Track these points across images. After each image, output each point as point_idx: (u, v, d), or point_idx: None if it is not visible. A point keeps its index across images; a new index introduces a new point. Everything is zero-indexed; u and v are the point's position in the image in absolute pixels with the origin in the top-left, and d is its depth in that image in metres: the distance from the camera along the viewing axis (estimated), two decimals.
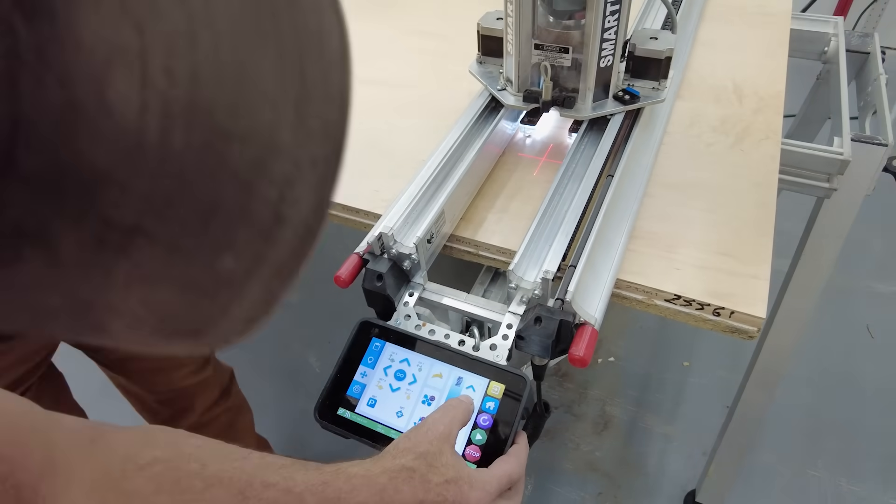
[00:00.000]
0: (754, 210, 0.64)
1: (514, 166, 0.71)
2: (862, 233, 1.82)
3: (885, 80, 0.92)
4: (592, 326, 0.49)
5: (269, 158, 0.15)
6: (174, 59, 0.13)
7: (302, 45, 0.15)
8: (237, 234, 0.16)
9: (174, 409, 1.03)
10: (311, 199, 0.17)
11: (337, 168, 0.18)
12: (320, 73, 0.16)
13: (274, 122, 0.15)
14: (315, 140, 0.16)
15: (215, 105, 0.14)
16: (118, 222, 0.13)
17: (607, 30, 0.60)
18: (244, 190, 0.15)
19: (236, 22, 0.14)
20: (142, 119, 0.12)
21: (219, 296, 0.17)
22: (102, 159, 0.12)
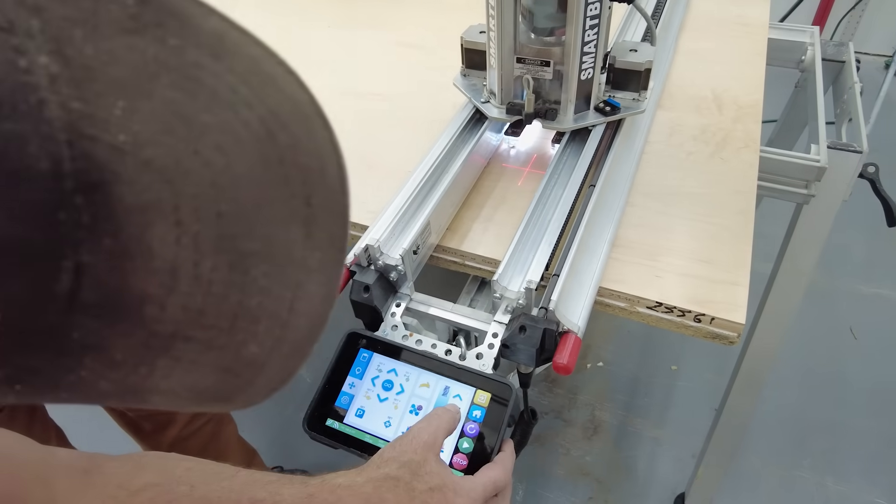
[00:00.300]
0: (734, 217, 0.65)
1: (498, 177, 0.72)
2: (843, 237, 1.85)
3: (860, 89, 0.94)
4: (576, 334, 0.50)
5: (284, 268, 0.19)
6: (201, 203, 0.16)
7: (306, 179, 0.19)
8: (259, 327, 0.19)
9: (155, 423, 1.03)
10: (320, 293, 0.21)
11: (341, 267, 0.21)
12: (323, 198, 0.20)
13: (286, 241, 0.19)
14: (321, 249, 0.20)
15: (237, 234, 0.17)
16: (160, 332, 0.17)
17: (587, 43, 0.61)
18: (263, 294, 0.18)
19: (250, 167, 0.17)
20: (176, 253, 0.16)
21: (244, 374, 0.20)
22: (145, 288, 0.16)
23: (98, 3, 0.15)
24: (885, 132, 2.28)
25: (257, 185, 0.18)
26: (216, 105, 0.17)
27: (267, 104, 0.18)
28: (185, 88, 0.16)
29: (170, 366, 0.18)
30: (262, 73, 0.18)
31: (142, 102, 0.15)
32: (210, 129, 0.16)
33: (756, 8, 1.04)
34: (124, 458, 0.40)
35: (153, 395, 0.19)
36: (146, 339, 0.17)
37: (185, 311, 0.17)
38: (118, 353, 0.17)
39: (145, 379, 0.18)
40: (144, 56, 0.16)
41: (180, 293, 0.17)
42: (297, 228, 0.19)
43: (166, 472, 0.38)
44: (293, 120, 0.19)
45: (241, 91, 0.17)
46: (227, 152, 0.17)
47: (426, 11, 1.11)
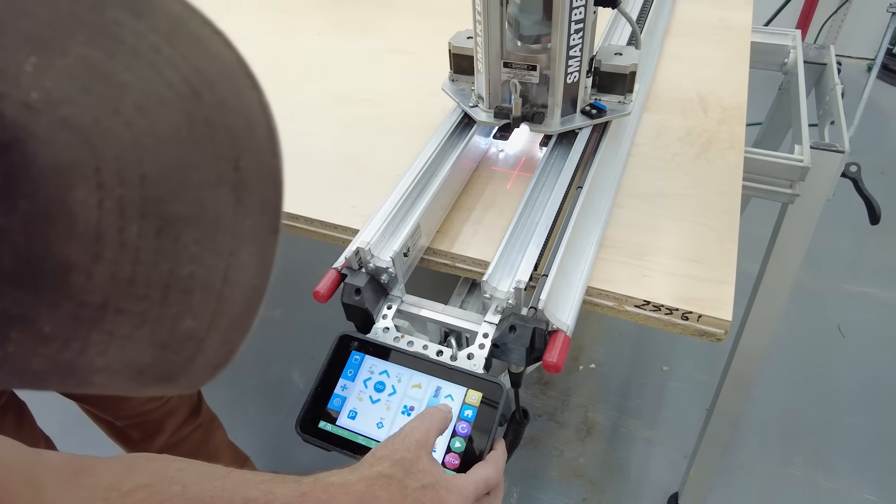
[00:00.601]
0: (720, 217, 0.66)
1: (487, 180, 0.73)
2: (829, 237, 1.88)
3: (841, 91, 0.96)
4: (565, 333, 0.51)
5: (214, 235, 0.18)
6: (123, 165, 0.16)
7: (234, 141, 0.18)
8: (193, 299, 0.19)
9: (143, 431, 1.04)
10: (255, 262, 0.20)
11: (275, 235, 0.21)
12: (253, 161, 0.19)
13: (214, 205, 0.18)
14: (252, 215, 0.19)
15: (162, 198, 0.16)
16: (89, 301, 0.16)
17: (573, 47, 0.62)
18: (194, 263, 0.18)
19: (174, 128, 0.17)
20: (99, 218, 0.15)
21: (184, 349, 0.20)
22: (69, 254, 0.15)
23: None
24: (869, 133, 2.32)
25: (182, 147, 0.17)
26: (137, 64, 0.16)
27: (192, 63, 0.17)
28: (103, 46, 0.16)
29: (104, 341, 0.17)
30: (186, 32, 0.18)
31: (55, 59, 0.15)
32: (131, 88, 0.16)
33: (739, 12, 1.06)
34: (115, 459, 0.40)
35: (93, 375, 0.19)
36: (75, 310, 0.16)
37: (114, 280, 0.16)
38: (46, 324, 0.16)
39: (79, 355, 0.17)
40: (58, 11, 0.15)
41: (107, 260, 0.16)
42: (227, 192, 0.18)
43: (158, 473, 0.38)
44: (219, 80, 0.18)
45: (163, 50, 0.17)
46: (150, 112, 0.16)
47: (414, 18, 1.12)
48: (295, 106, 0.90)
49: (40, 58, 0.15)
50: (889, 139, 2.35)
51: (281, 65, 1.01)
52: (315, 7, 1.19)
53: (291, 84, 0.96)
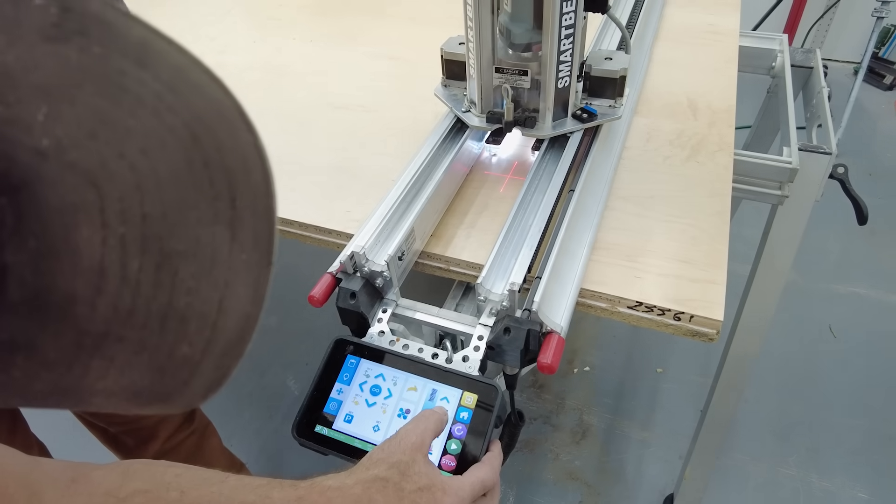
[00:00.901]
0: (710, 218, 0.67)
1: (480, 184, 0.73)
2: (819, 238, 1.90)
3: (828, 94, 0.97)
4: (559, 334, 0.51)
5: (210, 269, 0.19)
6: (126, 205, 0.17)
7: (231, 181, 0.19)
8: (189, 327, 0.20)
9: (137, 438, 1.03)
10: (248, 293, 0.21)
11: (268, 268, 0.22)
12: (249, 200, 0.20)
13: (212, 241, 0.19)
14: (247, 250, 0.20)
15: (162, 235, 0.18)
16: (91, 331, 0.17)
17: (563, 52, 0.63)
18: (191, 294, 0.19)
19: (174, 170, 0.18)
20: (103, 254, 0.17)
21: (179, 374, 0.21)
22: (73, 287, 0.16)
23: (19, 10, 0.15)
24: (857, 136, 2.35)
25: (182, 188, 0.18)
26: (141, 111, 0.17)
27: (192, 109, 0.18)
28: (109, 95, 0.17)
29: (104, 366, 0.19)
30: (186, 80, 0.19)
31: (65, 108, 0.16)
32: (135, 133, 0.17)
33: (726, 17, 1.07)
34: (111, 466, 0.40)
35: (92, 397, 0.20)
36: (78, 339, 0.17)
37: (115, 310, 0.18)
38: (51, 352, 0.17)
39: (80, 379, 0.19)
40: (68, 63, 0.16)
41: (109, 293, 0.17)
42: (223, 229, 0.20)
43: (155, 479, 0.39)
44: (217, 124, 0.19)
45: (166, 97, 0.18)
46: (152, 156, 0.17)
47: (406, 25, 1.12)
48: (288, 112, 0.91)
49: (51, 107, 0.16)
50: (876, 142, 2.38)
51: (274, 72, 1.01)
52: (307, 14, 1.19)
53: (284, 91, 0.96)
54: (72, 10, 0.16)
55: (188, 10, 1.24)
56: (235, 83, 0.72)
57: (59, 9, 0.16)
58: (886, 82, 2.63)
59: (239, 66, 1.04)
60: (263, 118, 0.90)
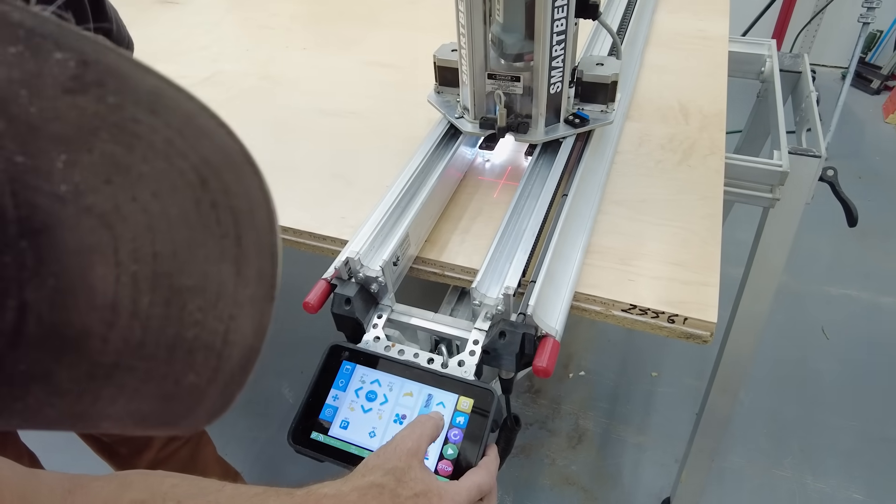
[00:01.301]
0: (702, 221, 0.68)
1: (474, 189, 0.74)
2: (811, 240, 1.91)
3: (816, 98, 0.99)
4: (554, 338, 0.52)
5: (217, 303, 0.20)
6: (139, 245, 0.18)
7: (237, 221, 0.21)
8: (196, 358, 0.21)
9: (131, 447, 1.02)
10: (252, 325, 0.22)
11: (271, 301, 0.23)
12: (254, 238, 0.21)
13: (218, 277, 0.20)
14: (251, 285, 0.22)
15: (172, 272, 0.19)
16: (103, 362, 0.18)
17: (555, 58, 0.63)
18: (198, 327, 0.20)
19: (184, 211, 0.19)
20: (116, 291, 0.18)
21: (186, 401, 0.22)
22: (87, 322, 0.18)
23: (42, 65, 0.16)
24: (846, 139, 2.37)
25: (191, 228, 0.19)
26: (152, 156, 0.18)
27: (200, 154, 0.20)
28: (123, 142, 0.18)
29: (114, 394, 0.20)
30: (195, 126, 0.20)
31: (82, 155, 0.17)
32: (147, 177, 0.18)
33: (716, 23, 1.08)
34: (108, 477, 0.40)
35: (101, 421, 0.21)
36: (90, 370, 0.19)
37: (126, 343, 0.19)
38: (64, 382, 0.18)
39: (91, 406, 0.20)
40: (85, 113, 0.17)
41: (121, 327, 0.18)
42: (229, 266, 0.21)
43: (152, 489, 0.38)
44: (224, 168, 0.20)
45: (175, 142, 0.19)
46: (163, 198, 0.18)
47: (399, 33, 1.13)
48: (282, 120, 0.91)
49: (69, 156, 0.17)
50: (865, 145, 2.41)
51: (267, 79, 1.02)
52: (300, 24, 1.20)
53: (278, 98, 0.97)
54: (89, 62, 0.17)
55: (182, 20, 1.24)
56: (229, 91, 0.73)
57: (78, 62, 0.17)
58: (874, 86, 2.66)
59: (232, 74, 1.04)
60: (257, 126, 0.90)
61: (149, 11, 1.27)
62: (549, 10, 0.59)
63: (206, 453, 1.14)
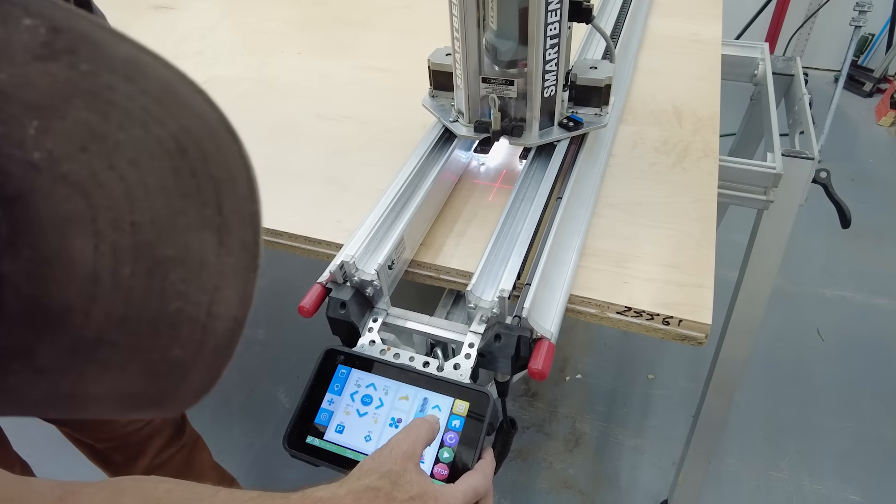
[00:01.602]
0: (696, 223, 0.68)
1: (469, 193, 0.74)
2: (806, 243, 1.92)
3: (809, 100, 0.99)
4: (549, 341, 0.52)
5: (199, 273, 0.20)
6: (117, 214, 0.17)
7: (217, 189, 0.20)
8: (180, 331, 0.20)
9: (126, 454, 1.02)
10: (236, 297, 0.22)
11: (255, 271, 0.23)
12: (234, 206, 0.21)
13: (200, 247, 0.20)
14: (234, 255, 0.21)
15: (152, 242, 0.18)
16: (85, 337, 0.18)
17: (548, 62, 0.64)
18: (181, 298, 0.20)
19: (163, 180, 0.19)
20: (96, 262, 0.17)
21: (171, 376, 0.21)
22: (68, 296, 0.17)
23: (10, 32, 0.16)
24: (839, 142, 2.39)
25: (170, 196, 0.19)
26: (129, 123, 0.18)
27: (178, 122, 0.19)
28: (98, 109, 0.17)
29: (98, 371, 0.19)
30: (173, 94, 0.19)
31: (56, 123, 0.16)
32: (124, 145, 0.18)
33: (709, 26, 1.09)
34: (102, 483, 0.40)
35: (87, 402, 0.20)
36: (73, 345, 0.18)
37: (109, 317, 0.18)
38: (46, 359, 0.18)
39: (76, 385, 0.19)
40: (57, 80, 0.17)
41: (102, 300, 0.18)
42: (210, 235, 0.20)
43: (146, 496, 0.38)
44: (203, 135, 0.20)
45: (153, 110, 0.19)
46: (141, 166, 0.18)
47: (393, 37, 1.13)
48: (277, 124, 0.91)
49: (41, 122, 0.16)
50: (858, 148, 2.42)
51: (262, 84, 1.02)
52: (294, 28, 1.20)
53: (273, 103, 0.97)
54: (60, 29, 0.17)
55: (176, 25, 1.24)
56: (224, 96, 0.73)
57: (48, 28, 0.17)
58: (866, 89, 2.68)
59: (227, 78, 1.04)
60: (252, 130, 0.90)
61: (143, 17, 1.27)
62: (542, 13, 0.59)
63: (201, 459, 1.14)
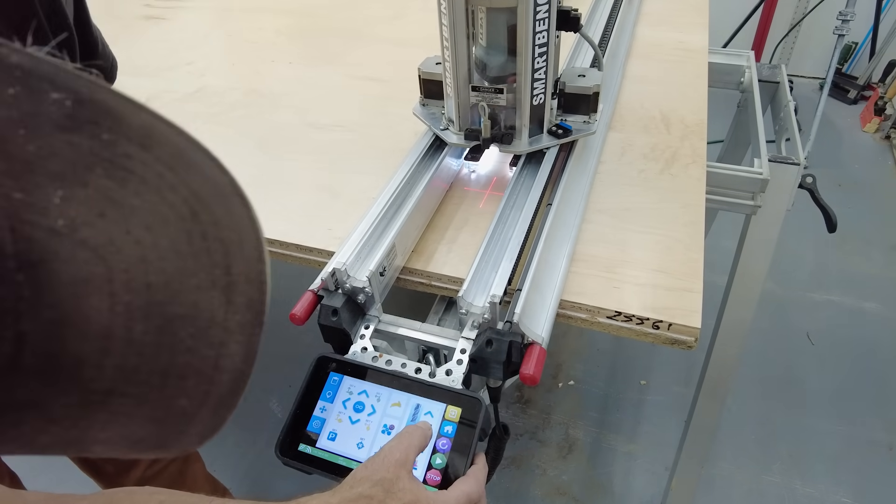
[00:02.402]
0: (685, 228, 0.69)
1: (460, 200, 0.74)
2: (794, 248, 1.94)
3: (794, 107, 1.01)
4: (540, 346, 0.52)
5: (207, 329, 0.21)
6: (132, 276, 0.19)
7: (227, 251, 0.21)
8: (188, 383, 0.21)
9: (118, 465, 1.01)
10: (241, 351, 0.23)
11: (260, 328, 0.24)
12: (243, 267, 0.22)
13: (208, 305, 0.21)
14: (240, 312, 0.22)
15: (164, 301, 0.20)
16: (97, 389, 0.19)
17: (537, 70, 0.64)
18: (190, 353, 0.21)
19: (176, 243, 0.20)
20: (111, 320, 0.18)
21: (176, 424, 0.23)
22: (82, 351, 0.18)
23: (39, 105, 0.17)
24: (826, 149, 2.42)
25: (182, 258, 0.20)
26: (145, 190, 0.19)
27: (190, 187, 0.20)
28: (116, 177, 0.18)
29: (107, 419, 0.20)
30: (185, 160, 0.20)
31: (78, 190, 0.17)
32: (139, 210, 0.19)
33: (695, 35, 1.10)
34: (93, 496, 0.40)
35: (94, 445, 0.21)
36: (85, 397, 0.19)
37: (120, 370, 0.19)
38: (58, 409, 0.19)
39: (85, 431, 0.20)
40: (80, 150, 0.18)
41: (115, 355, 0.19)
42: (219, 295, 0.21)
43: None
44: (214, 200, 0.21)
45: (166, 176, 0.20)
46: (155, 230, 0.19)
47: (384, 47, 1.14)
48: (268, 133, 0.91)
49: (66, 191, 0.17)
50: (844, 154, 2.46)
51: (253, 93, 1.02)
52: (285, 38, 1.21)
53: (264, 112, 0.97)
54: (84, 101, 0.18)
55: (168, 35, 1.24)
56: (215, 106, 0.74)
57: (73, 101, 0.18)
58: (851, 96, 2.72)
59: (219, 88, 1.04)
60: (244, 139, 0.90)
61: (134, 27, 1.27)
62: (530, 22, 0.60)
63: (194, 470, 1.13)
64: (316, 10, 1.30)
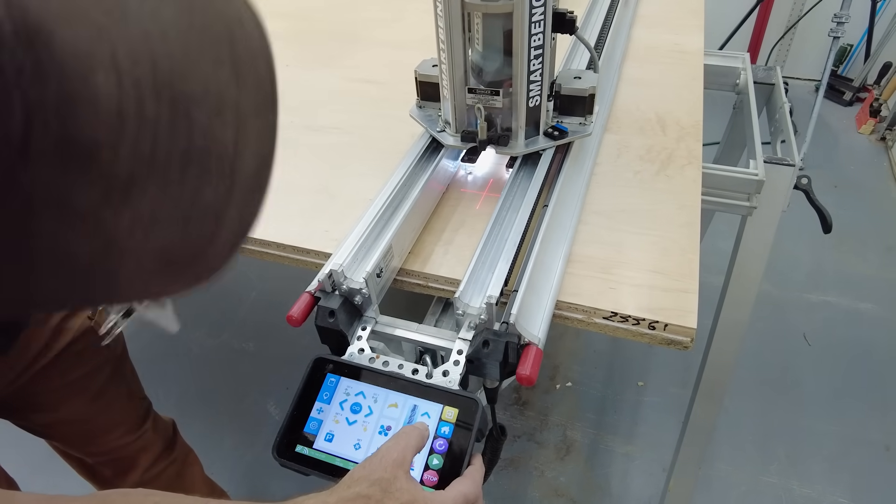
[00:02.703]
0: (680, 230, 0.69)
1: (457, 202, 0.74)
2: (790, 249, 1.95)
3: (790, 108, 1.01)
4: (537, 346, 0.52)
5: (220, 110, 0.21)
6: (136, 51, 0.18)
7: (227, 27, 0.21)
8: (210, 167, 0.21)
9: (116, 468, 1.01)
10: (259, 134, 0.22)
11: (273, 110, 0.23)
12: (245, 43, 0.22)
13: (217, 82, 0.20)
14: (252, 91, 0.22)
15: (173, 78, 0.19)
16: (116, 175, 0.18)
17: (533, 72, 0.65)
18: (206, 137, 0.20)
19: (177, 21, 0.19)
20: (119, 97, 0.18)
21: (205, 224, 0.22)
22: (96, 133, 0.18)
23: None
24: (821, 150, 2.43)
25: (184, 35, 0.20)
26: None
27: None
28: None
29: (132, 220, 0.20)
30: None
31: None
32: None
33: (691, 37, 1.11)
34: (87, 497, 0.40)
35: (123, 264, 0.20)
36: (105, 185, 0.18)
37: (137, 154, 0.19)
38: (80, 202, 0.18)
39: (113, 233, 0.20)
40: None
41: (129, 136, 0.18)
42: (227, 72, 0.21)
43: None
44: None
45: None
46: (154, 9, 0.19)
47: (381, 50, 1.14)
48: None
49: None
50: (839, 155, 2.47)
51: None
52: (281, 41, 1.21)
53: None
54: None
55: None
56: None
57: None
58: (846, 98, 2.73)
59: None
60: None
61: None
62: (526, 24, 0.60)
63: (192, 473, 1.13)
64: (312, 14, 1.30)
